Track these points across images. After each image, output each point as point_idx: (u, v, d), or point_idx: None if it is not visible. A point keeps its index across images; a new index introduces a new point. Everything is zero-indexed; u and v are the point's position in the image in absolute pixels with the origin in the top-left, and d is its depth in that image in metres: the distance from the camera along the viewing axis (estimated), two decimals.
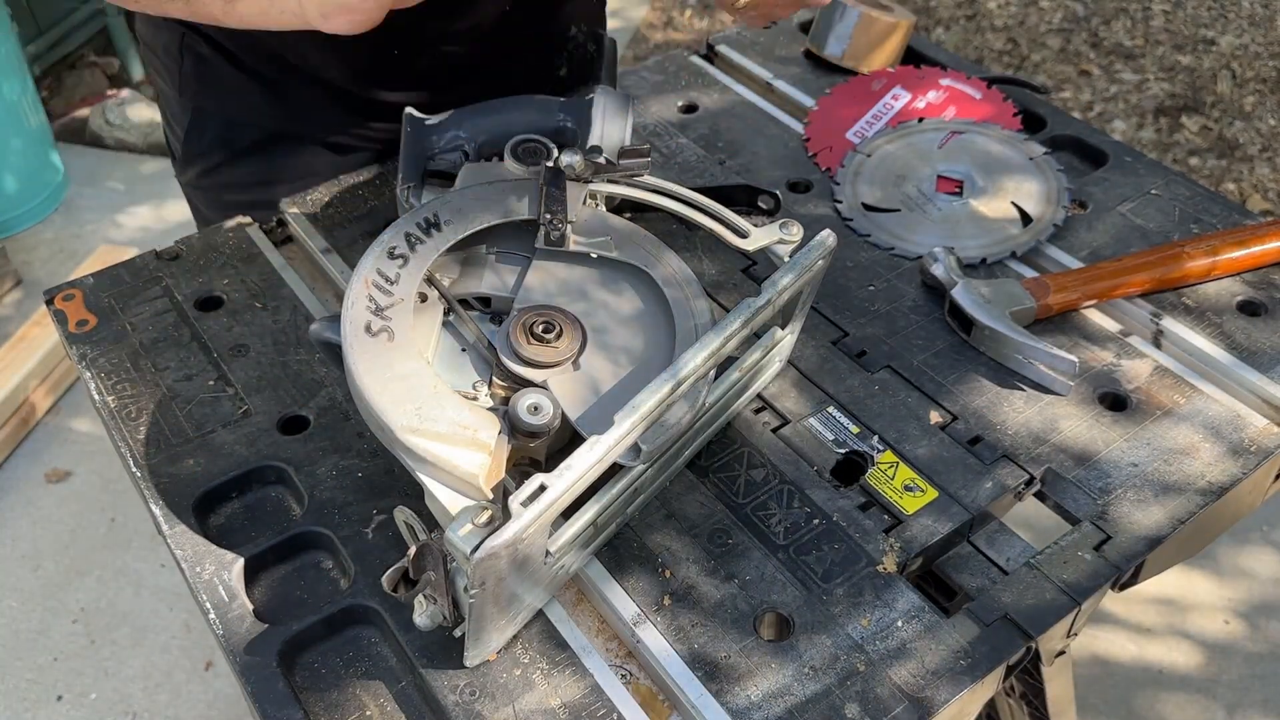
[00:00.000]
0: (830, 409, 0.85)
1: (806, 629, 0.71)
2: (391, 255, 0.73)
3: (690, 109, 1.18)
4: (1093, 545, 0.76)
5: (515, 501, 0.60)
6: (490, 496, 0.65)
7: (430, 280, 0.75)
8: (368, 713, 0.69)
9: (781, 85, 1.20)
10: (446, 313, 0.77)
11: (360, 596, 0.73)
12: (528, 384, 0.72)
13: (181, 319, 0.94)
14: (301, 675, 0.71)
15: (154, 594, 1.94)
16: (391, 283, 0.72)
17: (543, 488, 0.61)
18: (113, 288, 0.97)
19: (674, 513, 0.77)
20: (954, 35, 3.27)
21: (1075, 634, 0.79)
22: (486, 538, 0.59)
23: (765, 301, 0.72)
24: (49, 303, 0.96)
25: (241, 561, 0.75)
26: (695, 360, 0.68)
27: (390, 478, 0.80)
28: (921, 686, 0.68)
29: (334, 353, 0.78)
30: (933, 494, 0.79)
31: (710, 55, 1.28)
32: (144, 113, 2.97)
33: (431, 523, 0.70)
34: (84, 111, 3.01)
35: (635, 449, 0.67)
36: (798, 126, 1.15)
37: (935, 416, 0.85)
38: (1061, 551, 0.76)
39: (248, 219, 1.04)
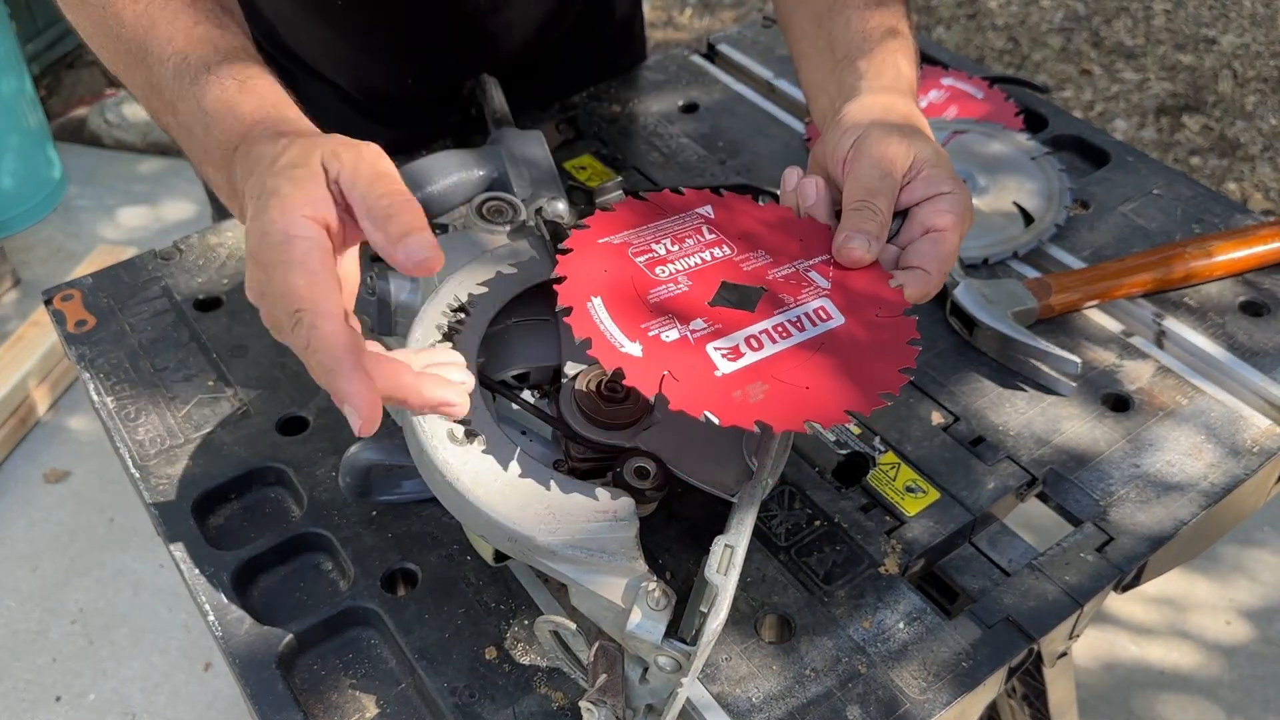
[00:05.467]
0: None
1: (808, 631, 0.71)
2: None
3: (691, 108, 1.18)
4: (1095, 546, 0.76)
5: (710, 571, 0.58)
6: (648, 568, 0.61)
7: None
8: (367, 714, 0.68)
9: (783, 85, 1.20)
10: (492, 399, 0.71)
11: (359, 598, 0.73)
12: (614, 450, 0.69)
13: (180, 319, 0.94)
14: (300, 677, 0.71)
15: (153, 595, 1.93)
16: None
17: (729, 548, 0.59)
18: (111, 288, 0.97)
19: (674, 513, 0.77)
20: (955, 34, 3.27)
21: (1077, 635, 0.79)
22: (684, 621, 0.57)
23: None
24: (47, 303, 0.95)
25: (240, 563, 0.75)
26: None
27: None
28: (923, 688, 0.67)
29: (364, 483, 0.74)
30: (934, 495, 0.78)
31: (711, 54, 1.28)
32: (142, 112, 2.97)
33: (583, 623, 0.64)
34: (82, 110, 3.00)
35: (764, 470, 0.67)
36: (799, 126, 1.15)
37: (937, 417, 0.85)
38: (1063, 553, 0.76)
39: None
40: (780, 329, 0.65)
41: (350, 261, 0.61)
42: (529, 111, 1.15)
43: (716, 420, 0.59)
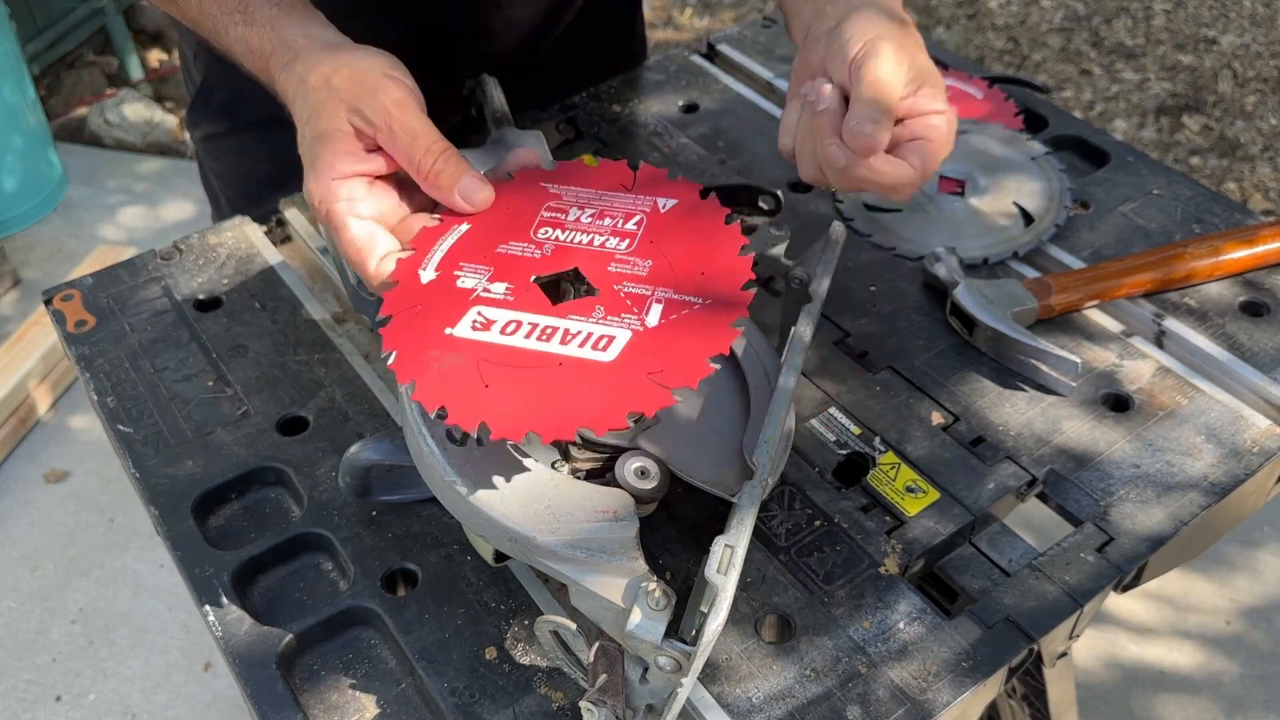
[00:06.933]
0: (832, 410, 0.85)
1: (808, 631, 0.71)
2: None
3: (691, 109, 1.18)
4: (1095, 547, 0.76)
5: (710, 571, 0.58)
6: (648, 568, 0.61)
7: None
8: (367, 715, 0.68)
9: (783, 85, 1.20)
10: None
11: (359, 598, 0.73)
12: (614, 450, 0.68)
13: (180, 319, 0.94)
14: (300, 677, 0.71)
15: (153, 595, 1.93)
16: None
17: (729, 548, 0.59)
18: (111, 288, 0.97)
19: (674, 513, 0.77)
20: (955, 34, 3.27)
21: (1077, 635, 0.79)
22: (684, 621, 0.58)
23: (819, 303, 0.75)
24: (47, 303, 0.95)
25: (240, 563, 0.75)
26: (791, 381, 0.70)
27: None
28: (923, 688, 0.67)
29: (364, 483, 0.75)
30: (934, 495, 0.78)
31: (711, 54, 1.28)
32: (142, 112, 2.97)
33: (583, 623, 0.64)
34: (82, 111, 3.00)
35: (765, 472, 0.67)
36: None
37: (937, 417, 0.85)
38: (1064, 553, 0.76)
39: (247, 219, 1.04)
40: (548, 332, 0.63)
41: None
42: (529, 111, 1.16)
43: (390, 360, 0.61)
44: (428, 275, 0.64)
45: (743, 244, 0.68)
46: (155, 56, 3.29)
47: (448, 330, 0.62)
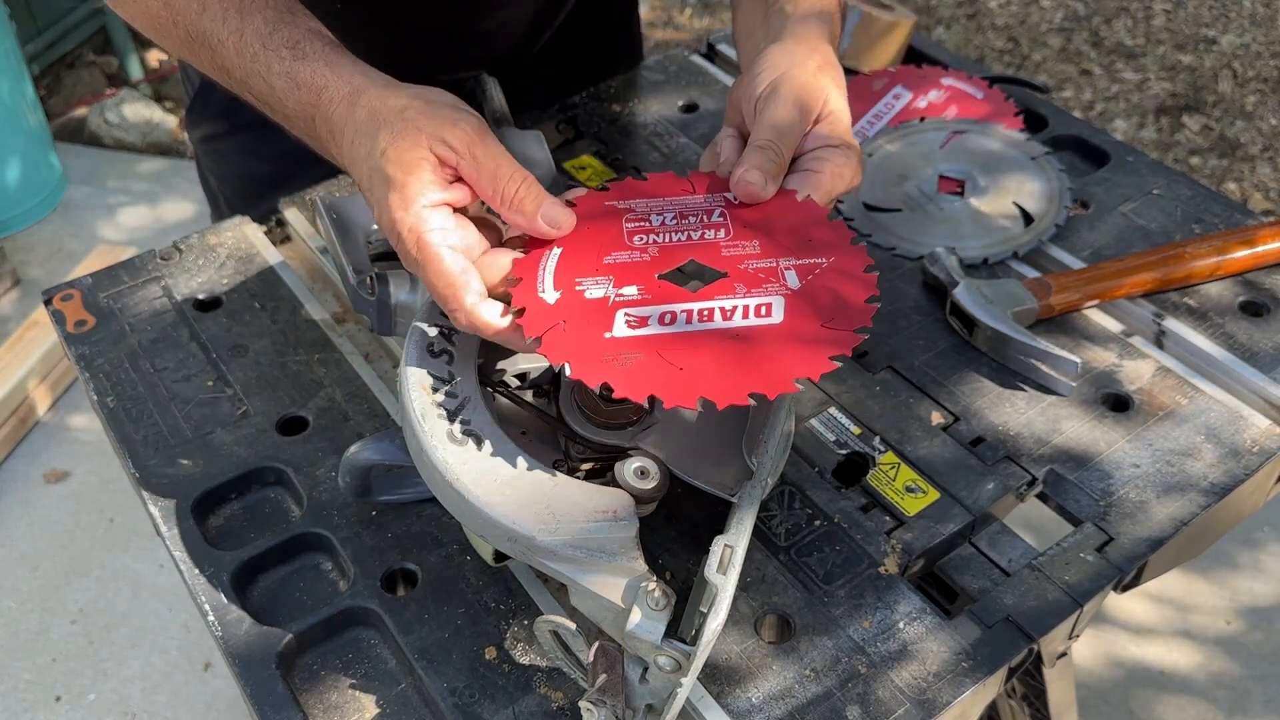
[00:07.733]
0: (831, 410, 0.85)
1: (808, 631, 0.71)
2: (434, 353, 0.68)
3: (691, 108, 1.18)
4: (1095, 547, 0.76)
5: (710, 571, 0.58)
6: (648, 568, 0.61)
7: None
8: (367, 715, 0.68)
9: None
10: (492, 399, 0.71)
11: (359, 598, 0.73)
12: (614, 450, 0.69)
13: (180, 319, 0.94)
14: (300, 677, 0.71)
15: (153, 595, 1.93)
16: (449, 382, 0.67)
17: (729, 548, 0.59)
18: (111, 288, 0.97)
19: (674, 513, 0.77)
20: (955, 34, 3.27)
21: (1077, 635, 0.79)
22: (684, 621, 0.58)
23: None
24: (47, 303, 0.95)
25: (240, 563, 0.75)
26: None
27: None
28: (923, 688, 0.67)
29: (364, 483, 0.75)
30: (934, 495, 0.78)
31: (711, 54, 1.28)
32: (142, 112, 2.97)
33: (583, 623, 0.65)
34: (82, 111, 3.00)
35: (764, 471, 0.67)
36: None
37: (937, 417, 0.85)
38: (1063, 553, 0.76)
39: (247, 219, 1.04)
40: (706, 313, 0.64)
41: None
42: (529, 111, 1.16)
43: (569, 370, 0.61)
44: (551, 296, 0.64)
45: (826, 212, 0.69)
46: (155, 56, 3.29)
47: (606, 335, 0.63)
